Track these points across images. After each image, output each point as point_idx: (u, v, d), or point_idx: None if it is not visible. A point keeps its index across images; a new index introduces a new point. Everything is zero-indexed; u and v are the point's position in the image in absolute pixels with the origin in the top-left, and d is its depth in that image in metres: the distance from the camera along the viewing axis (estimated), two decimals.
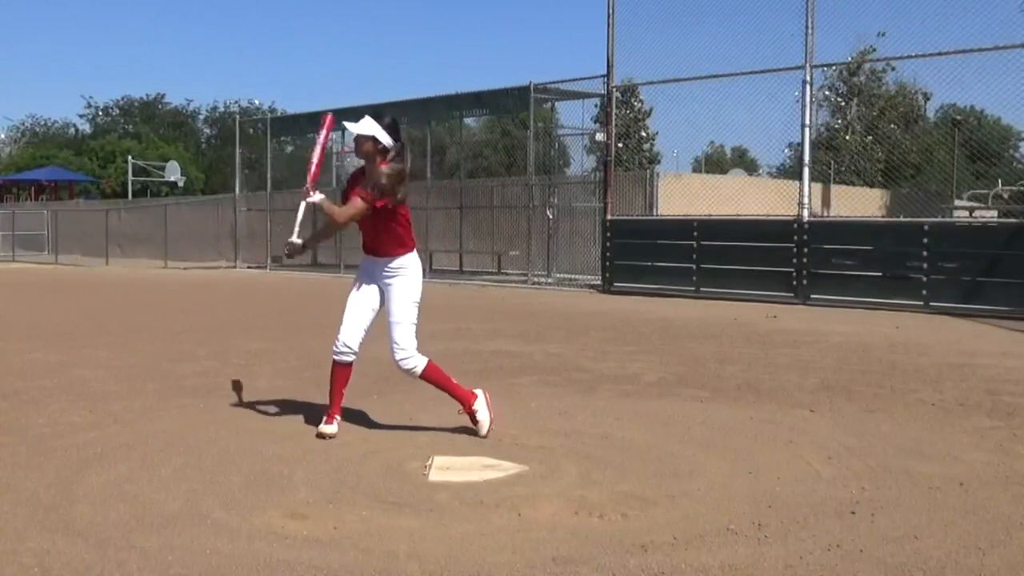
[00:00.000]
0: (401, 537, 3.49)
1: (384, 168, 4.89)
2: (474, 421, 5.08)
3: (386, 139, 4.92)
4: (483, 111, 23.90)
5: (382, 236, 5.02)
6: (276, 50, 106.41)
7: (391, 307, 5.03)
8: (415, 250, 5.14)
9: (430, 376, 5.10)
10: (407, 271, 5.05)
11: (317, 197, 4.98)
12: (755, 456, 4.69)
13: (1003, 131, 30.87)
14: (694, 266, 14.49)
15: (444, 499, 3.96)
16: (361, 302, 5.12)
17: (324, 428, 5.07)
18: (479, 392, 5.15)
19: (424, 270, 5.44)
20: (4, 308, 13.40)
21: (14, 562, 3.23)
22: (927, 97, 27.31)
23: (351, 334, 5.09)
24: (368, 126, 4.91)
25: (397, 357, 5.02)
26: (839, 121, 28.83)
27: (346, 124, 5.09)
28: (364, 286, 5.13)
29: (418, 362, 5.03)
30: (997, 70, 12.29)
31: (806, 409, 5.92)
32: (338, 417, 5.15)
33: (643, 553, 3.33)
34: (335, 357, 5.13)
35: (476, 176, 29.92)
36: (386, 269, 5.05)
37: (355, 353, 5.13)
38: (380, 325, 5.16)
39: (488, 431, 5.05)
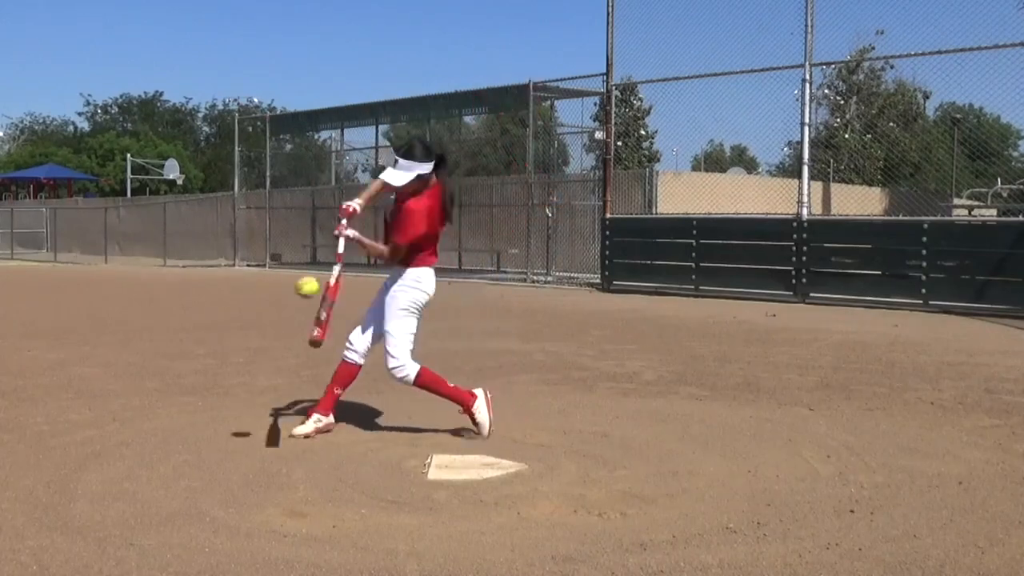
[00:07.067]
0: (400, 535, 3.49)
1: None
2: (474, 422, 5.02)
3: (424, 170, 4.86)
4: (482, 109, 23.91)
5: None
6: (275, 48, 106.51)
7: (384, 315, 4.99)
8: (424, 267, 4.99)
9: (424, 383, 5.03)
10: (402, 281, 4.96)
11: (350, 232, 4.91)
12: (754, 454, 4.69)
13: (1002, 129, 30.89)
14: (693, 264, 14.49)
15: (443, 497, 3.96)
16: (374, 305, 5.11)
17: (296, 429, 5.01)
18: (479, 392, 5.06)
19: None
20: (3, 306, 13.39)
21: (13, 560, 3.23)
22: (926, 95, 27.31)
23: (358, 332, 5.09)
24: (404, 175, 4.84)
25: (388, 366, 5.01)
26: (838, 119, 28.80)
27: (385, 178, 4.91)
28: (383, 288, 5.12)
29: (410, 371, 4.98)
30: (996, 68, 12.31)
31: (805, 407, 5.92)
32: (320, 416, 5.03)
33: (642, 551, 3.33)
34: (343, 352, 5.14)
35: (475, 174, 29.93)
36: (390, 277, 5.05)
37: (358, 352, 5.08)
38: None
39: (488, 432, 5.00)
